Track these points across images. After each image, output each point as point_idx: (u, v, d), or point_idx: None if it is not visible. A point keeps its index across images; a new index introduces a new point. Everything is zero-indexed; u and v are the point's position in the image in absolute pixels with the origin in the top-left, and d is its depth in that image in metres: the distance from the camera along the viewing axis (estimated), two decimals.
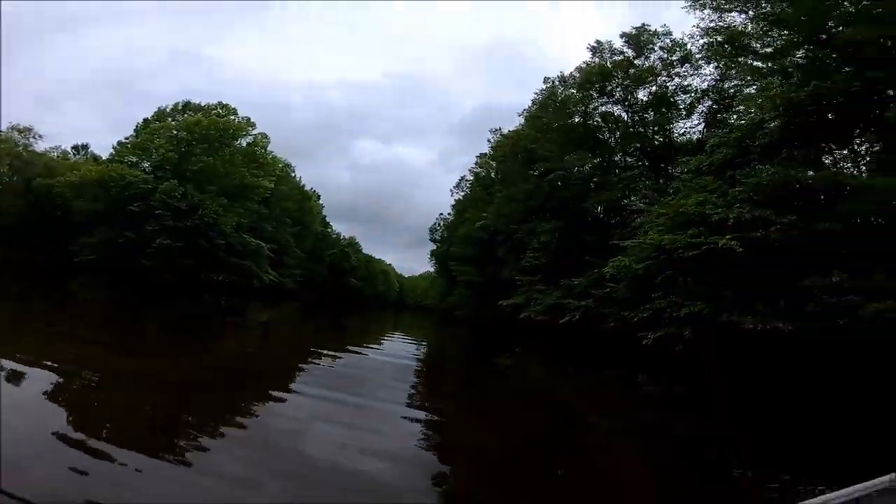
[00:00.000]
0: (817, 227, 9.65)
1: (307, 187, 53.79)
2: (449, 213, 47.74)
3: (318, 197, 56.80)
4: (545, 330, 20.52)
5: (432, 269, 57.64)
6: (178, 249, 30.90)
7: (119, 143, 37.80)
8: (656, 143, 24.02)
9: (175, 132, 35.82)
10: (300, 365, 9.25)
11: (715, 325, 10.77)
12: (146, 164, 35.21)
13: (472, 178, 41.57)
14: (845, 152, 13.06)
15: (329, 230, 64.10)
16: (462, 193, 43.08)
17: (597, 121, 26.09)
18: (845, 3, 11.68)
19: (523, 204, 25.94)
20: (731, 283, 10.84)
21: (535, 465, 4.79)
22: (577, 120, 26.28)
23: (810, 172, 10.72)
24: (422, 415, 6.52)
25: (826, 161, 12.88)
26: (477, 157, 40.98)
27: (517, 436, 5.90)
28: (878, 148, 12.30)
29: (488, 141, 37.97)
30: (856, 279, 8.80)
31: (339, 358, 10.68)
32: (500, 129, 36.57)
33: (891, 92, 10.90)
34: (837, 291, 8.89)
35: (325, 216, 61.05)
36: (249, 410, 5.69)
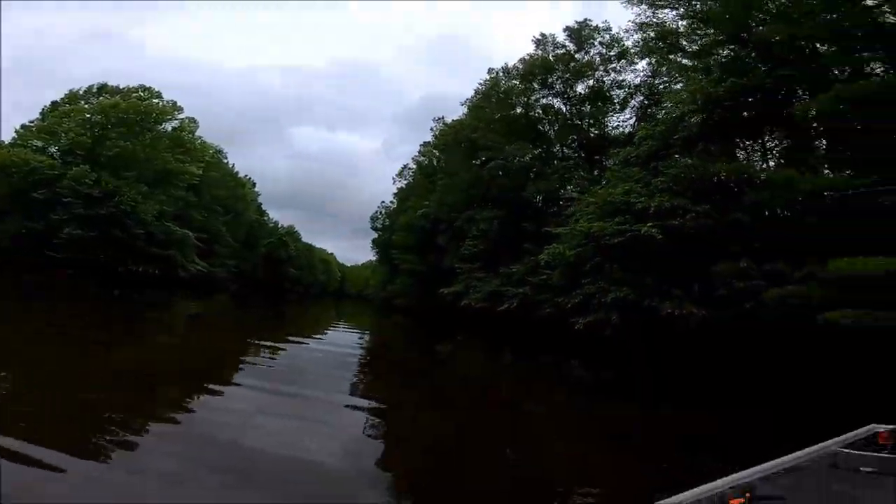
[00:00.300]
0: (728, 217, 10.34)
1: (242, 174, 51.19)
2: (391, 202, 47.15)
3: (254, 184, 54.29)
4: (485, 317, 20.78)
5: (374, 258, 56.81)
6: (91, 239, 28.27)
7: (23, 126, 33.80)
8: (592, 135, 24.82)
9: (89, 115, 32.64)
10: (238, 357, 8.81)
11: (639, 310, 11.32)
12: (54, 150, 31.86)
13: (414, 166, 41.15)
14: (756, 147, 14.10)
15: (265, 218, 61.55)
16: (405, 182, 42.61)
17: (538, 112, 26.61)
18: (768, 3, 12.36)
19: (465, 192, 26.05)
20: (652, 269, 11.41)
21: (475, 450, 4.86)
22: (519, 111, 26.73)
23: (723, 165, 11.38)
24: (366, 403, 6.47)
25: (739, 155, 13.83)
26: (420, 145, 40.54)
27: (458, 422, 5.94)
28: (785, 144, 13.38)
29: (431, 130, 37.62)
30: (761, 266, 9.53)
31: (280, 349, 10.35)
32: (443, 118, 36.32)
33: (800, 90, 11.82)
34: (745, 277, 9.60)
35: (261, 204, 58.58)
36: (182, 405, 5.28)
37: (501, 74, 28.05)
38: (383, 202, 50.55)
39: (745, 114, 12.65)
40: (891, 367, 6.91)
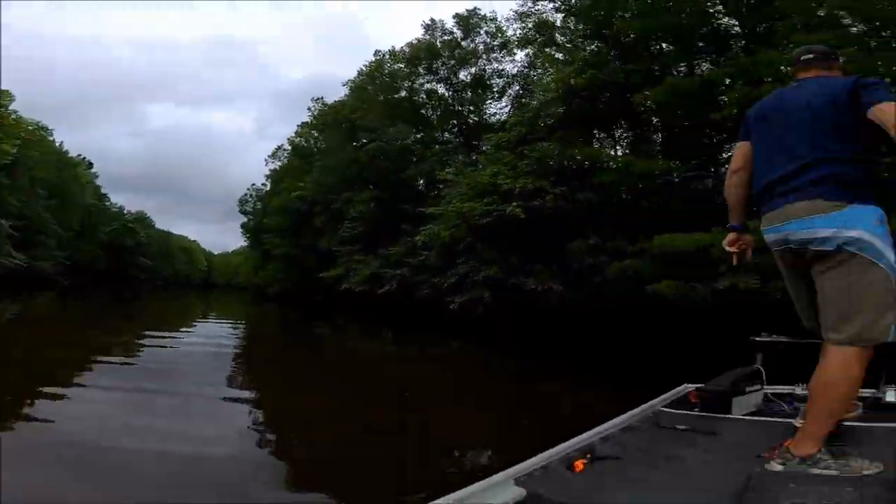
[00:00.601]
0: (581, 198, 11.46)
1: (76, 154, 43.30)
2: (263, 184, 43.78)
3: (90, 165, 46.20)
4: (365, 301, 20.51)
5: (246, 244, 52.45)
6: None
7: None
8: (471, 121, 25.65)
9: None
10: (88, 358, 7.54)
11: (506, 288, 12.08)
12: None
13: (289, 147, 38.53)
14: (609, 136, 15.78)
15: (107, 203, 53.09)
16: (279, 163, 39.76)
17: (422, 97, 26.74)
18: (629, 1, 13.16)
19: (343, 174, 25.20)
20: (518, 248, 12.20)
21: (362, 429, 4.78)
22: (403, 94, 26.62)
23: (579, 150, 12.51)
24: (246, 394, 6.14)
25: (595, 144, 15.35)
26: (298, 126, 37.99)
27: (341, 404, 5.79)
28: (631, 134, 15.18)
29: (309, 110, 35.44)
30: (606, 243, 10.73)
31: (141, 346, 9.29)
32: (322, 98, 34.33)
33: (645, 86, 13.28)
34: (594, 253, 10.73)
35: (102, 187, 50.33)
36: (27, 415, 4.42)
37: (388, 57, 27.57)
38: (254, 184, 46.80)
39: (601, 105, 14.04)
40: (703, 332, 8.01)
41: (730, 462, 1.78)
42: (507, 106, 24.41)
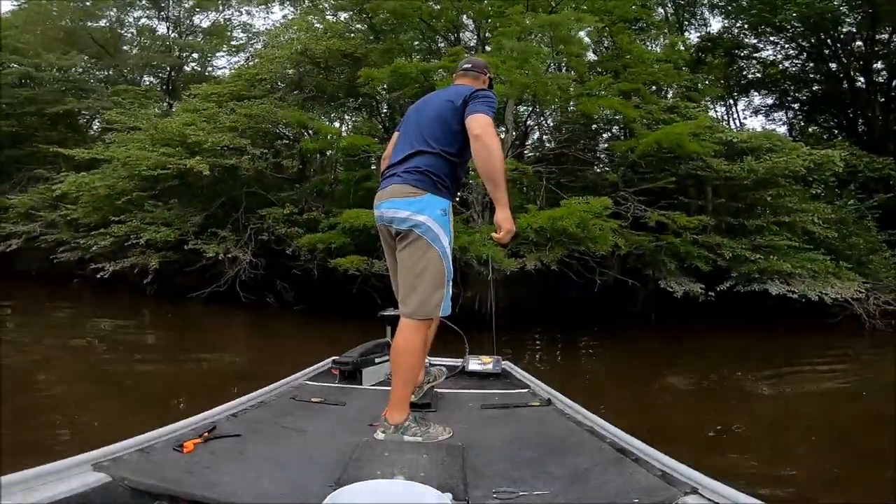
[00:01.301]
0: (285, 164, 10.80)
1: None
2: None
3: None
4: None
5: None
6: None
7: None
8: (189, 70, 22.77)
9: None
10: None
11: (182, 252, 10.25)
12: None
13: None
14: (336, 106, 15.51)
15: None
16: None
17: (132, 32, 22.83)
18: None
19: None
20: (204, 210, 10.63)
21: None
22: (103, 24, 21.66)
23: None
24: None
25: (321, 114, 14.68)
26: None
27: None
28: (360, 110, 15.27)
29: None
30: (302, 214, 10.45)
31: None
32: None
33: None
34: (289, 223, 10.19)
35: None
36: None
37: None
38: None
39: (338, 76, 13.53)
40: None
41: (349, 433, 1.83)
42: (240, 61, 22.09)
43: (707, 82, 12.16)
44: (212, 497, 1.26)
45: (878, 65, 14.41)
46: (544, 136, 12.77)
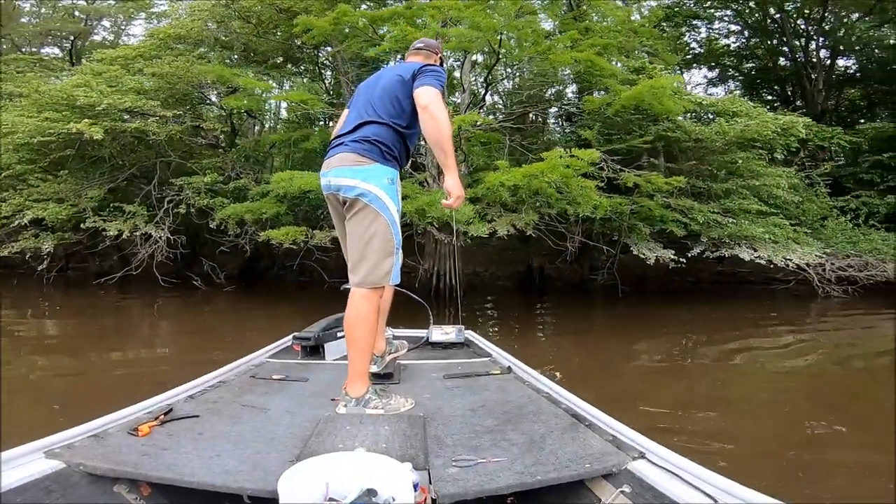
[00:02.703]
0: (205, 127, 9.21)
1: None
2: None
3: None
4: None
5: None
6: None
7: None
8: (101, 38, 20.44)
9: None
10: None
11: (81, 232, 8.51)
12: None
13: None
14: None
15: None
16: None
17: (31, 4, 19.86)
18: None
19: None
20: (103, 181, 8.83)
21: None
22: None
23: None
24: None
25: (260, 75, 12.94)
26: None
27: None
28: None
29: None
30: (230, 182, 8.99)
31: None
32: None
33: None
34: (212, 194, 8.72)
35: None
36: None
37: None
38: None
39: (273, 34, 11.96)
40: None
41: (311, 408, 1.82)
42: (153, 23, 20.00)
43: (668, 51, 11.78)
44: (170, 477, 1.24)
45: (820, 42, 14.75)
46: (505, 96, 12.03)
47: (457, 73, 10.06)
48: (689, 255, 8.51)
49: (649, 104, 7.74)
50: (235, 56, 11.68)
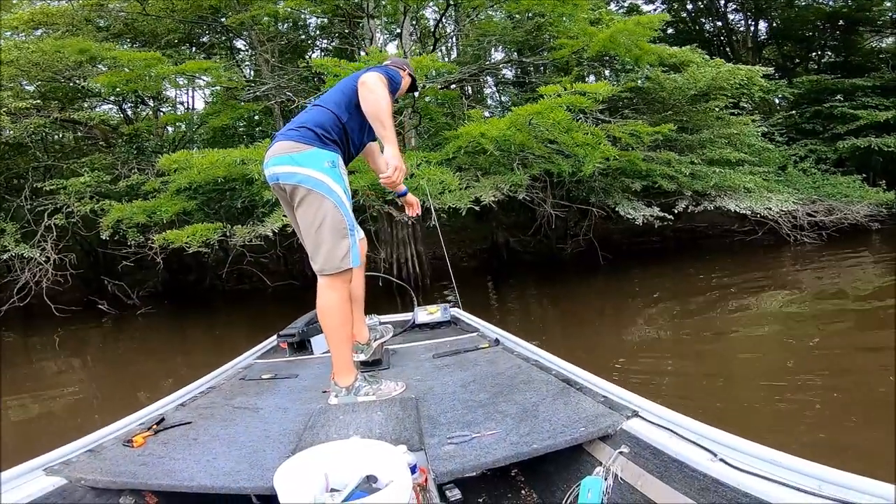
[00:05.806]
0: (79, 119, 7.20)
1: None
2: None
3: None
4: None
5: None
6: None
7: None
8: None
9: None
10: None
11: None
12: None
13: None
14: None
15: None
16: None
17: None
18: None
19: None
20: None
21: None
22: None
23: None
24: None
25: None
26: None
27: None
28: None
29: None
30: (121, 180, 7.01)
31: None
32: None
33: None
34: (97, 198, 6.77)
35: None
36: None
37: None
38: None
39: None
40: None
41: (302, 402, 1.78)
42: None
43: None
44: (170, 484, 1.22)
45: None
46: (459, 48, 11.06)
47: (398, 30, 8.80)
48: (675, 210, 7.85)
49: (626, 49, 6.93)
50: (124, 41, 9.63)
